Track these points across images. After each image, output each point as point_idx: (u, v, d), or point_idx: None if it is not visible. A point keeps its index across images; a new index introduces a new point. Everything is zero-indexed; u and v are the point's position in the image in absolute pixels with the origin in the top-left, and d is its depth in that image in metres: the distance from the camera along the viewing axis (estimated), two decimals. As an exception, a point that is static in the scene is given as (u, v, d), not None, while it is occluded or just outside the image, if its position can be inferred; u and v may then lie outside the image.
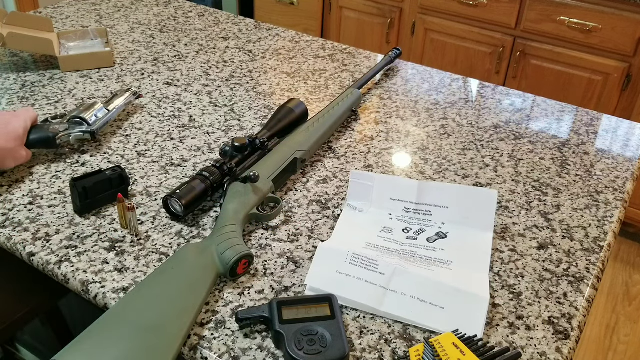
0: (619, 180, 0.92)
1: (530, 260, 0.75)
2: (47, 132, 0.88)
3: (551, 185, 0.90)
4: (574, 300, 0.70)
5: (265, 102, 1.09)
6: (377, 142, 0.99)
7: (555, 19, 2.01)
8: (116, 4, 1.51)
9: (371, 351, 0.62)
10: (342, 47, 1.34)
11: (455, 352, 0.57)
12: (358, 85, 1.08)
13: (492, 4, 2.11)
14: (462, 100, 1.15)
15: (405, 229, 0.78)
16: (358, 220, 0.79)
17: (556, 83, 2.12)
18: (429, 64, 2.33)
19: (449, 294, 0.66)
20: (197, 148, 0.94)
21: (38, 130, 0.88)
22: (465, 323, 0.63)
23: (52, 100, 1.05)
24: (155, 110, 1.05)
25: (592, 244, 0.79)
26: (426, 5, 2.25)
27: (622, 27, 1.92)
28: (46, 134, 0.88)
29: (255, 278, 0.70)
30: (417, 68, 1.27)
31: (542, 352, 0.63)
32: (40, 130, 0.88)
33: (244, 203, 0.76)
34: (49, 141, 0.88)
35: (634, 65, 1.96)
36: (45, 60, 1.20)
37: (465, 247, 0.75)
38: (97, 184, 0.78)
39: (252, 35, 1.38)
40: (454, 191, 0.80)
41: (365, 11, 2.42)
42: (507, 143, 1.01)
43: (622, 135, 1.06)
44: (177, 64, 1.22)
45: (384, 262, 0.69)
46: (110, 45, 1.24)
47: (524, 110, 1.12)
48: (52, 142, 0.88)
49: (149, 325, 0.59)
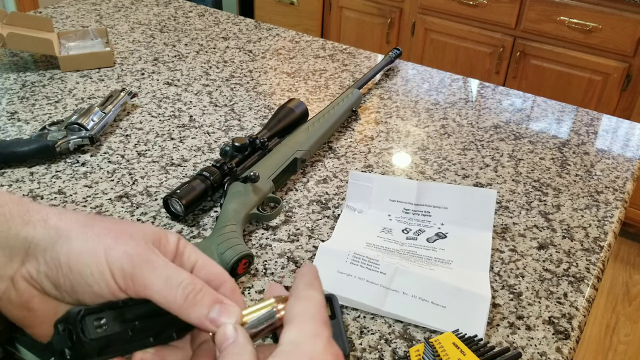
0: (619, 180, 0.92)
1: (530, 260, 0.75)
2: (46, 140, 0.88)
3: (551, 185, 0.90)
4: (574, 300, 0.70)
5: (265, 102, 1.09)
6: (377, 142, 0.99)
7: (555, 19, 2.01)
8: (116, 4, 1.51)
9: (371, 351, 0.62)
10: (342, 47, 1.34)
11: (456, 352, 0.57)
12: (358, 85, 1.08)
13: (492, 4, 2.11)
14: (462, 100, 1.15)
15: (404, 229, 0.78)
16: (357, 221, 0.79)
17: (556, 83, 2.12)
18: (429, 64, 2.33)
19: (450, 293, 0.66)
20: (197, 148, 0.94)
21: (36, 139, 0.87)
22: (467, 322, 0.64)
23: (52, 100, 1.05)
24: (156, 110, 1.05)
25: (592, 244, 0.79)
26: (426, 5, 2.25)
27: (622, 27, 1.92)
28: (45, 142, 0.87)
29: (256, 278, 0.70)
30: (417, 68, 1.27)
31: (542, 352, 0.63)
32: (38, 140, 0.87)
33: (244, 203, 0.76)
34: (49, 150, 0.87)
35: (634, 65, 1.96)
36: (45, 60, 1.20)
37: (465, 246, 0.75)
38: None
39: (252, 35, 1.38)
40: (453, 191, 0.80)
41: (365, 11, 2.42)
42: (507, 143, 1.01)
43: (622, 135, 1.06)
44: (177, 64, 1.22)
45: (385, 262, 0.69)
46: (110, 45, 1.24)
47: (524, 110, 1.12)
48: (52, 150, 0.87)
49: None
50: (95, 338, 0.34)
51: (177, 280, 0.35)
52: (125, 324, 0.35)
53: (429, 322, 0.64)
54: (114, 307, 0.35)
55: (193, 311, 0.35)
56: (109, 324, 0.34)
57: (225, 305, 0.36)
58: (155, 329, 0.36)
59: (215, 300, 0.36)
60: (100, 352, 0.34)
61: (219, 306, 0.36)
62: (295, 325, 0.34)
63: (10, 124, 0.97)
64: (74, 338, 0.33)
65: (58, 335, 0.34)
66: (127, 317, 0.35)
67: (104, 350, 0.34)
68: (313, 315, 0.34)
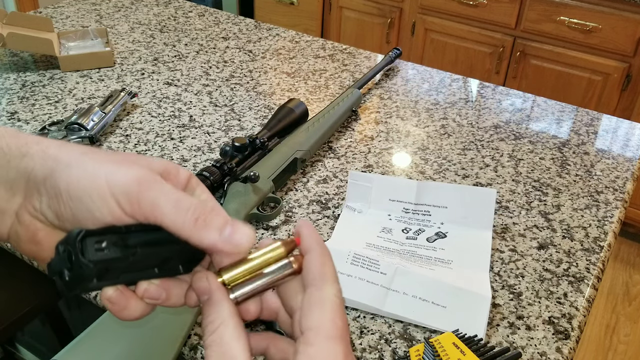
0: (619, 180, 0.92)
1: (530, 260, 0.75)
2: None
3: (551, 185, 0.90)
4: (574, 300, 0.70)
5: (265, 102, 1.09)
6: (377, 142, 0.99)
7: (555, 19, 2.01)
8: (116, 4, 1.51)
9: (371, 351, 0.62)
10: (342, 47, 1.34)
11: (456, 352, 0.57)
12: (358, 85, 1.08)
13: (492, 4, 2.11)
14: (462, 100, 1.15)
15: (404, 229, 0.78)
16: (357, 221, 0.79)
17: (556, 83, 2.12)
18: (429, 64, 2.33)
19: (451, 293, 0.66)
20: (197, 148, 0.94)
21: None
22: (468, 322, 0.64)
23: (52, 100, 1.05)
24: (156, 110, 1.05)
25: (592, 244, 0.79)
26: (426, 5, 2.25)
27: (622, 27, 1.92)
28: None
29: (256, 278, 0.70)
30: (417, 68, 1.27)
31: (542, 352, 0.63)
32: None
33: (244, 203, 0.76)
34: None
35: (634, 65, 1.96)
36: (45, 60, 1.20)
37: (465, 246, 0.75)
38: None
39: (252, 35, 1.38)
40: (452, 191, 0.80)
41: (365, 11, 2.42)
42: (507, 143, 1.01)
43: (622, 135, 1.06)
44: (177, 64, 1.22)
45: (385, 262, 0.69)
46: (110, 45, 1.24)
47: (524, 110, 1.12)
48: None
49: (149, 325, 0.59)
50: (95, 260, 0.32)
51: (186, 203, 0.34)
52: (127, 249, 0.33)
53: (430, 322, 0.64)
54: (116, 232, 0.33)
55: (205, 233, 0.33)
56: (109, 248, 0.33)
57: (237, 223, 0.34)
58: (159, 259, 0.35)
59: (227, 221, 0.34)
60: (100, 276, 0.33)
61: (230, 225, 0.34)
62: (310, 345, 0.33)
63: (10, 124, 0.97)
64: (72, 259, 0.32)
65: (58, 255, 0.33)
66: (129, 243, 0.34)
67: (103, 275, 0.33)
68: (327, 331, 0.33)
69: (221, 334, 0.33)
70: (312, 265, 0.35)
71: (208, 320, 0.34)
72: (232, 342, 0.33)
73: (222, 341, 0.33)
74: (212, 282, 0.35)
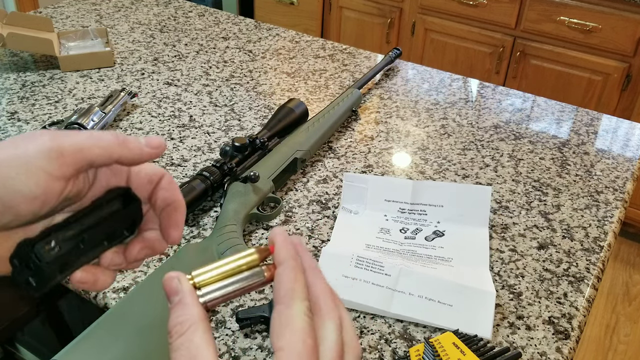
0: (619, 180, 0.92)
1: (530, 260, 0.75)
2: None
3: (551, 185, 0.90)
4: (574, 300, 0.70)
5: (265, 102, 1.09)
6: (377, 142, 0.99)
7: (555, 19, 2.01)
8: (116, 4, 1.51)
9: (371, 351, 0.62)
10: (342, 47, 1.34)
11: (456, 351, 0.57)
12: (358, 85, 1.08)
13: (492, 4, 2.11)
14: (462, 100, 1.15)
15: (402, 229, 0.78)
16: (354, 222, 0.79)
17: (556, 83, 2.12)
18: (429, 64, 2.33)
19: (455, 291, 0.66)
20: (197, 148, 0.94)
21: None
22: (474, 319, 0.64)
23: (52, 100, 1.05)
24: (155, 110, 1.05)
25: (592, 244, 0.79)
26: (426, 5, 2.25)
27: (622, 27, 1.92)
28: None
29: (256, 278, 0.70)
30: (417, 68, 1.27)
31: (542, 352, 0.63)
32: None
33: (244, 203, 0.76)
34: None
35: (634, 65, 1.96)
36: (45, 60, 1.20)
37: (463, 243, 0.75)
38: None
39: (252, 35, 1.38)
40: (448, 189, 0.80)
41: (365, 11, 2.42)
42: (507, 143, 1.01)
43: (622, 135, 1.06)
44: (177, 64, 1.22)
45: (388, 264, 0.69)
46: (110, 45, 1.24)
47: (524, 110, 1.12)
48: None
49: (149, 325, 0.59)
50: (51, 260, 0.35)
51: (99, 132, 0.37)
52: (74, 239, 0.36)
53: (437, 322, 0.64)
54: (58, 229, 0.36)
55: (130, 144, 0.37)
56: (59, 244, 0.35)
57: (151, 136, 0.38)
58: (105, 234, 0.38)
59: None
60: (62, 269, 0.35)
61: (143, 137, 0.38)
62: None
63: (10, 124, 0.98)
64: (32, 267, 0.34)
65: (16, 268, 0.35)
66: (74, 233, 0.36)
67: (64, 268, 0.36)
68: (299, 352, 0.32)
69: (190, 337, 0.33)
70: (283, 279, 0.35)
71: (177, 321, 0.34)
72: (202, 346, 0.32)
73: (191, 345, 0.33)
74: (184, 283, 0.35)
